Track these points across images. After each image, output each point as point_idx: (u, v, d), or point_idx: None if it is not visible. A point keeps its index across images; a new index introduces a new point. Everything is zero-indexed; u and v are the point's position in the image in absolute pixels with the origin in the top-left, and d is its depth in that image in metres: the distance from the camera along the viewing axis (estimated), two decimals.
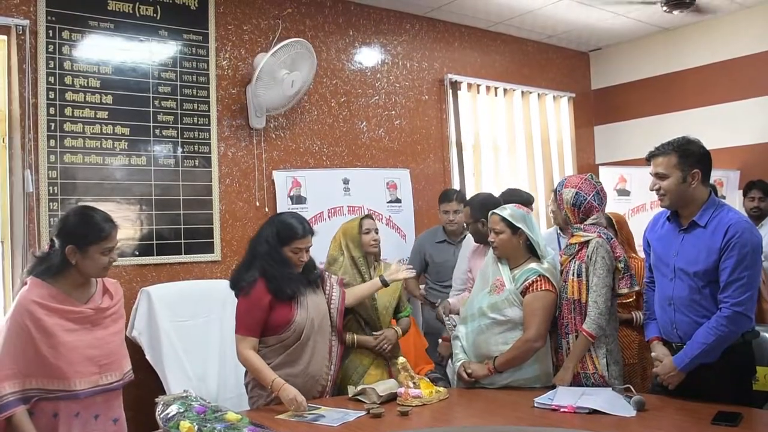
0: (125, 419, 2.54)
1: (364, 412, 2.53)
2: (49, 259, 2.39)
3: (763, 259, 2.60)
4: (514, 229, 2.90)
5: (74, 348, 2.32)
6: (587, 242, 2.80)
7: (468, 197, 4.17)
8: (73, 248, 2.34)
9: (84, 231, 2.36)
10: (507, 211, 2.94)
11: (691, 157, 2.51)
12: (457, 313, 3.45)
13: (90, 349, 2.36)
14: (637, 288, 2.84)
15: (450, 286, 3.88)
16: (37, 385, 2.27)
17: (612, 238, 2.84)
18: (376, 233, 3.31)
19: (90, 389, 2.35)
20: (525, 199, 4.08)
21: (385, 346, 3.15)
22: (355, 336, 3.16)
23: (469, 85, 5.54)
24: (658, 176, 2.56)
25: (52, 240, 2.42)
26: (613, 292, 2.80)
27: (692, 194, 2.52)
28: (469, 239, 3.77)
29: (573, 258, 2.84)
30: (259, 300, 2.77)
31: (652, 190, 2.61)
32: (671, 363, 2.53)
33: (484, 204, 3.46)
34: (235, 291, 2.88)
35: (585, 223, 2.86)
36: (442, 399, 2.72)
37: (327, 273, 3.12)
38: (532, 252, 2.95)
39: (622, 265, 2.81)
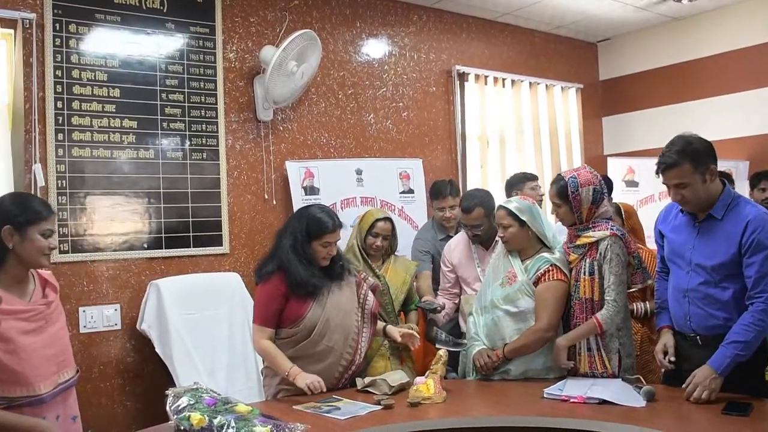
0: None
1: (376, 405, 2.51)
2: None
3: None
4: (522, 222, 2.88)
5: (33, 350, 2.18)
6: (598, 241, 2.76)
7: (471, 190, 4.01)
8: (10, 229, 2.17)
9: (20, 210, 2.20)
10: (513, 203, 2.92)
11: (701, 157, 2.45)
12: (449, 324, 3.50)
13: (47, 349, 2.23)
14: (649, 282, 2.81)
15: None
16: (2, 394, 2.11)
17: (625, 234, 2.81)
18: (384, 240, 3.26)
19: (52, 391, 2.23)
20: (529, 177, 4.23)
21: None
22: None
23: (477, 77, 5.51)
24: (678, 186, 2.48)
25: None
26: None
27: (712, 190, 2.48)
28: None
29: (584, 256, 2.79)
30: (275, 291, 2.77)
31: (674, 200, 2.54)
32: (708, 369, 2.38)
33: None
34: (256, 279, 2.89)
35: (594, 216, 2.80)
36: (436, 402, 2.55)
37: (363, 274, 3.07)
38: (541, 242, 2.93)
39: (636, 261, 2.79)
